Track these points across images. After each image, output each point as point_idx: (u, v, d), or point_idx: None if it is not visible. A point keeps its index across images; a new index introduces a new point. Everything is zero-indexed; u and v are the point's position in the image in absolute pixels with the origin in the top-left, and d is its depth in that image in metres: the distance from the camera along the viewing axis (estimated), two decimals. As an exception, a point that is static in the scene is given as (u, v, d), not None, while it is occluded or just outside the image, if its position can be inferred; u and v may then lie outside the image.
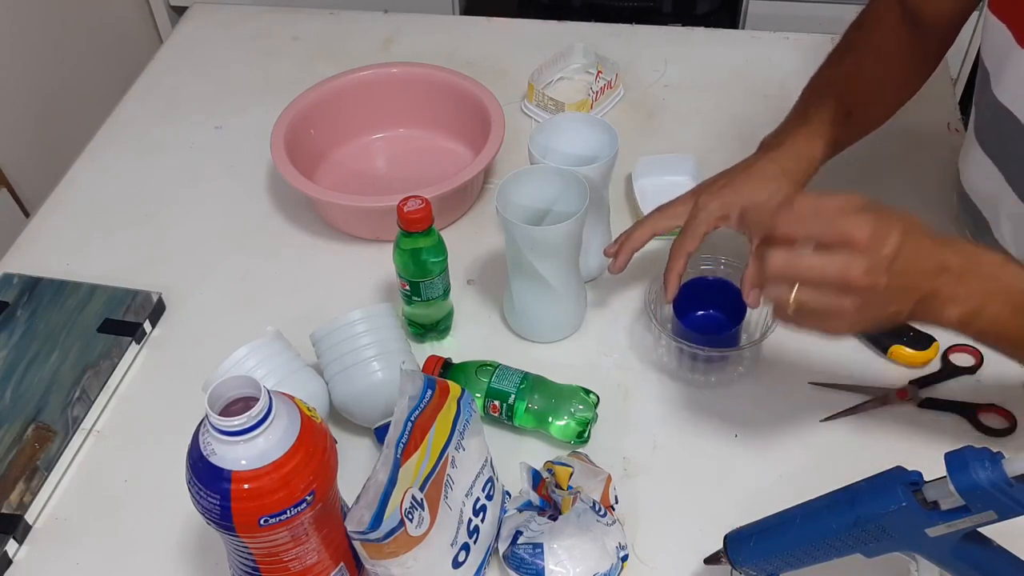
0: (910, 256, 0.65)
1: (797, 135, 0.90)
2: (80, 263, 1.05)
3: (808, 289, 0.66)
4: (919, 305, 0.68)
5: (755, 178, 0.88)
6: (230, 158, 1.18)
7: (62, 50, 1.65)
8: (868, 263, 0.64)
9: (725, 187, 0.87)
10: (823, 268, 0.65)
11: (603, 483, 0.78)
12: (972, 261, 0.68)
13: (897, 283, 0.65)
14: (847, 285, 0.65)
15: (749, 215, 0.79)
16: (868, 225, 0.64)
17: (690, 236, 0.86)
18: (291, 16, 1.41)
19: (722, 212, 0.85)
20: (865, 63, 0.95)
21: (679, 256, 0.86)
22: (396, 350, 0.85)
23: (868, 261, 0.64)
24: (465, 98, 1.13)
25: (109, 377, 0.91)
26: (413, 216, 0.85)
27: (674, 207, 0.89)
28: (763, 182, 0.87)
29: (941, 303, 0.68)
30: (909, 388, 0.89)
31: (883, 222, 0.65)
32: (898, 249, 0.64)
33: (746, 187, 0.87)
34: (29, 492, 0.83)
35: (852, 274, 0.64)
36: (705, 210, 0.85)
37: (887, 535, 0.62)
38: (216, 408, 0.59)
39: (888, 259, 0.64)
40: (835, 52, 0.98)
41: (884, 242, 0.64)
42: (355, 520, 0.64)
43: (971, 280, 0.67)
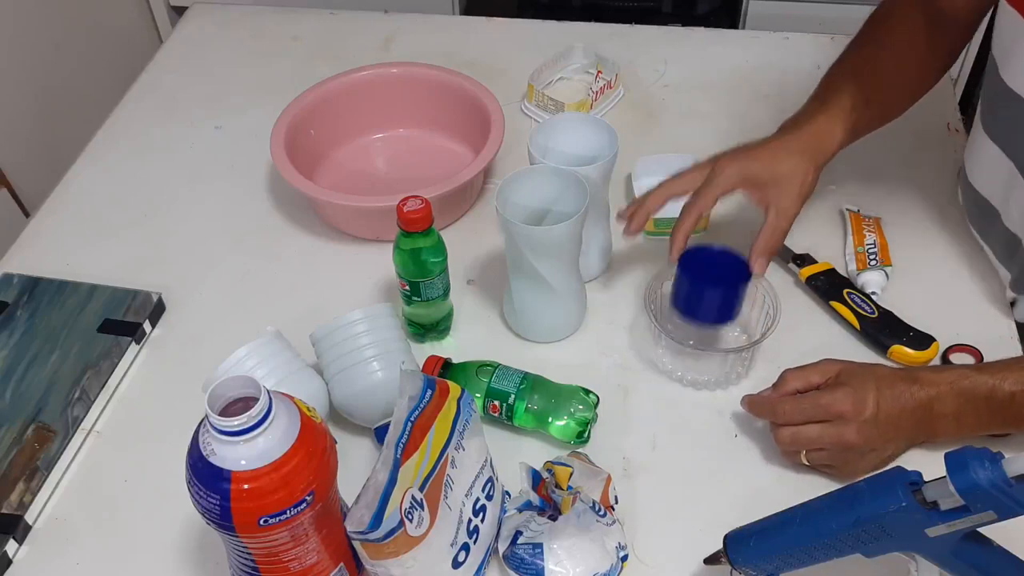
0: (889, 407, 0.78)
1: (817, 118, 0.91)
2: (80, 263, 1.05)
3: (815, 452, 0.81)
4: (915, 437, 0.82)
5: (774, 151, 0.89)
6: (230, 158, 1.18)
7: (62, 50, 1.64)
8: (856, 426, 0.78)
9: (744, 155, 0.89)
10: (821, 436, 0.80)
11: (603, 483, 0.78)
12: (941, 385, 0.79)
13: (885, 431, 0.79)
14: (845, 445, 0.79)
15: (768, 190, 0.87)
16: (847, 398, 0.78)
17: (705, 196, 0.87)
18: (291, 16, 1.41)
19: (740, 176, 0.87)
20: (883, 56, 0.96)
21: (691, 214, 0.88)
22: (396, 350, 0.85)
23: (855, 424, 0.78)
24: (465, 98, 1.13)
25: (109, 377, 0.92)
26: (413, 216, 0.85)
27: (691, 173, 0.90)
28: (783, 155, 0.88)
29: (931, 430, 0.80)
30: None
31: (859, 389, 0.79)
32: (877, 406, 0.78)
33: (765, 157, 0.88)
34: (29, 492, 0.83)
35: (847, 437, 0.78)
36: (723, 174, 0.87)
37: (887, 535, 0.62)
38: (216, 408, 0.59)
39: (872, 417, 0.78)
40: (853, 43, 0.99)
41: (863, 407, 0.78)
42: (355, 520, 0.64)
43: (946, 400, 0.78)
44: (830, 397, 0.79)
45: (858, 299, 0.95)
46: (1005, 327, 0.95)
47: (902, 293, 0.97)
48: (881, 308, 0.94)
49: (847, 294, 0.95)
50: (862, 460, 0.80)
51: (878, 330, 0.92)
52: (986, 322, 0.95)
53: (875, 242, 1.01)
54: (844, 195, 1.09)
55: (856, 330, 0.94)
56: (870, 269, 0.98)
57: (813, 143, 0.90)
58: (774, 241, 0.87)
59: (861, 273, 0.98)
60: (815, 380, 0.82)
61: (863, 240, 1.01)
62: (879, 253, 0.99)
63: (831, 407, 0.79)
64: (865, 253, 1.00)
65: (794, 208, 0.88)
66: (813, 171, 0.88)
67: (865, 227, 1.03)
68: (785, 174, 0.87)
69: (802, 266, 0.99)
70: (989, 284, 0.98)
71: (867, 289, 0.97)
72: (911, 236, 1.03)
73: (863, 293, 0.96)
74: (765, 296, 0.90)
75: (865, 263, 0.99)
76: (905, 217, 1.06)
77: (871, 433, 0.78)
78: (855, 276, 0.98)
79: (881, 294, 0.97)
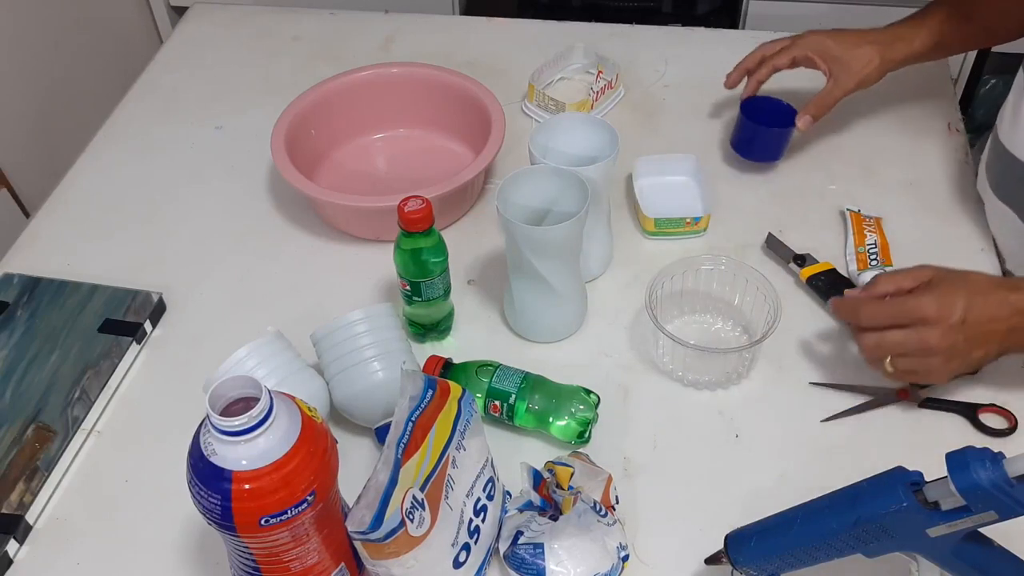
0: (979, 313, 0.78)
1: (905, 23, 1.04)
2: (80, 263, 1.05)
3: (899, 358, 0.81)
4: (1008, 346, 0.81)
5: (854, 36, 1.04)
6: (230, 158, 1.18)
7: (62, 50, 1.64)
8: (941, 330, 0.78)
9: (828, 33, 1.05)
10: (905, 341, 0.80)
11: (604, 483, 0.78)
12: None
13: (973, 336, 0.79)
14: (929, 350, 0.79)
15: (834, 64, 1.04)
16: (933, 302, 0.78)
17: (784, 53, 1.06)
18: (291, 16, 1.41)
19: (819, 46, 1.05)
20: None
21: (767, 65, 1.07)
22: (397, 350, 0.85)
23: (940, 328, 0.78)
24: (465, 98, 1.13)
25: (109, 377, 0.91)
26: (414, 216, 0.85)
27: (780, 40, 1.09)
28: (858, 41, 1.03)
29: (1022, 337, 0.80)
30: (909, 388, 0.89)
31: (947, 294, 0.79)
32: (965, 312, 0.78)
33: (843, 39, 1.04)
34: (29, 492, 0.83)
35: (930, 342, 0.79)
36: (805, 40, 1.06)
37: (888, 535, 0.62)
38: (217, 408, 0.59)
39: (958, 322, 0.78)
40: None
41: (951, 311, 0.78)
42: (356, 520, 0.64)
43: None
44: (915, 301, 0.80)
45: (859, 299, 0.95)
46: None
47: (902, 293, 0.97)
48: (881, 308, 0.94)
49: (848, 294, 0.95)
50: (947, 365, 0.80)
51: (879, 330, 0.92)
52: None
53: (876, 242, 1.01)
54: (845, 195, 1.09)
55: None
56: (871, 269, 0.98)
57: (888, 41, 1.03)
58: (824, 104, 1.04)
59: (862, 273, 0.98)
60: (906, 285, 0.82)
61: (864, 240, 1.01)
62: (880, 253, 0.99)
63: (916, 310, 0.79)
64: (866, 253, 1.00)
65: (850, 84, 1.03)
66: (879, 63, 1.02)
67: (866, 227, 1.03)
68: (854, 56, 1.03)
69: (803, 266, 0.99)
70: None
71: (867, 289, 0.97)
72: (912, 236, 1.03)
73: (864, 293, 0.96)
74: (765, 296, 0.90)
75: (866, 263, 0.99)
76: (906, 217, 1.06)
77: (956, 338, 0.78)
78: (856, 276, 0.98)
79: (881, 294, 0.97)
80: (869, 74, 1.03)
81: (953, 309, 0.78)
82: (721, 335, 0.95)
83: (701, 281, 0.95)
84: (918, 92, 1.22)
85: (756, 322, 0.92)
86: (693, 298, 0.96)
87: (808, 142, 1.16)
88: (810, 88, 1.08)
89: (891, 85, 1.23)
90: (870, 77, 1.03)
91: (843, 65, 1.03)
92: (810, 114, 1.05)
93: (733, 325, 0.95)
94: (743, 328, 0.94)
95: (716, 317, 0.96)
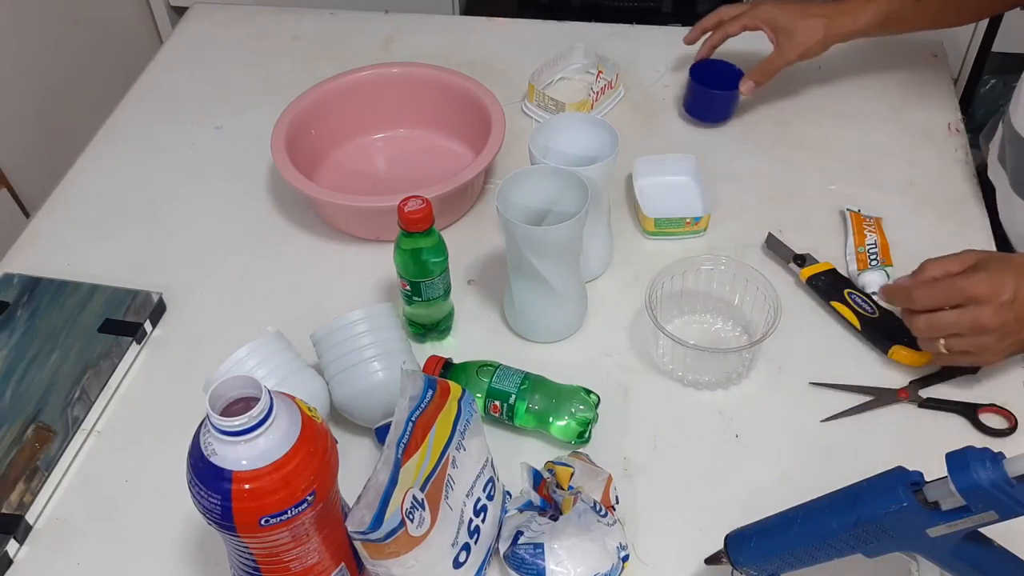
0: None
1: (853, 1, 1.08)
2: (80, 263, 1.05)
3: (953, 338, 0.82)
4: None
5: (801, 9, 1.08)
6: (230, 158, 1.18)
7: (62, 50, 1.65)
8: (993, 308, 0.79)
9: (777, 5, 1.10)
10: (958, 321, 0.81)
11: (604, 483, 0.78)
12: None
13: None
14: (982, 328, 0.80)
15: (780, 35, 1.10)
16: (984, 281, 0.80)
17: (735, 22, 1.12)
18: (291, 16, 1.41)
19: (767, 16, 1.10)
20: None
21: (719, 32, 1.14)
22: (397, 350, 0.85)
23: (992, 307, 0.79)
24: (465, 98, 1.13)
25: (109, 377, 0.91)
26: (414, 216, 0.85)
27: (731, 8, 1.15)
28: (804, 15, 1.08)
29: None
30: (909, 388, 0.89)
31: (997, 273, 0.80)
32: (1016, 290, 0.79)
33: (791, 11, 1.09)
34: (29, 492, 0.83)
35: (983, 320, 0.80)
36: (755, 9, 1.11)
37: (888, 535, 0.62)
38: (217, 408, 0.59)
39: (1009, 300, 0.79)
40: None
41: (1002, 289, 0.79)
42: (356, 520, 0.64)
43: None
44: (966, 281, 0.81)
45: (859, 299, 0.95)
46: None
47: (902, 293, 0.97)
48: (882, 308, 0.94)
49: (848, 294, 0.95)
50: (1000, 344, 0.81)
51: (879, 330, 0.92)
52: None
53: (876, 242, 1.01)
54: (845, 195, 1.09)
55: (857, 330, 0.94)
56: (871, 269, 0.98)
57: (834, 15, 1.07)
58: (767, 71, 1.12)
59: (862, 273, 0.98)
60: (954, 268, 0.83)
61: (864, 240, 1.01)
62: (880, 253, 0.99)
63: (967, 290, 0.80)
64: (866, 253, 1.00)
65: (793, 54, 1.09)
66: (822, 36, 1.07)
67: (866, 227, 1.02)
68: (799, 27, 1.08)
69: (803, 266, 0.99)
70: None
71: (868, 289, 0.97)
72: (912, 236, 1.03)
73: (864, 293, 0.96)
74: (765, 296, 0.90)
75: (866, 263, 0.99)
76: (906, 217, 1.06)
77: (1008, 316, 0.79)
78: (856, 276, 0.98)
79: (882, 294, 0.97)
80: (811, 46, 1.08)
81: (1004, 288, 0.79)
82: (721, 335, 0.95)
83: (701, 281, 0.95)
84: (918, 92, 1.22)
85: (756, 322, 0.92)
86: (693, 298, 0.96)
87: (809, 142, 1.16)
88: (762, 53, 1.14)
89: (891, 84, 1.23)
90: (812, 49, 1.09)
91: (788, 35, 1.09)
92: (753, 80, 1.12)
93: (733, 325, 0.95)
94: (743, 328, 0.94)
95: (716, 317, 0.96)
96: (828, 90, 1.23)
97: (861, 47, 1.18)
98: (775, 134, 1.18)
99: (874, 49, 1.24)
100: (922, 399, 0.88)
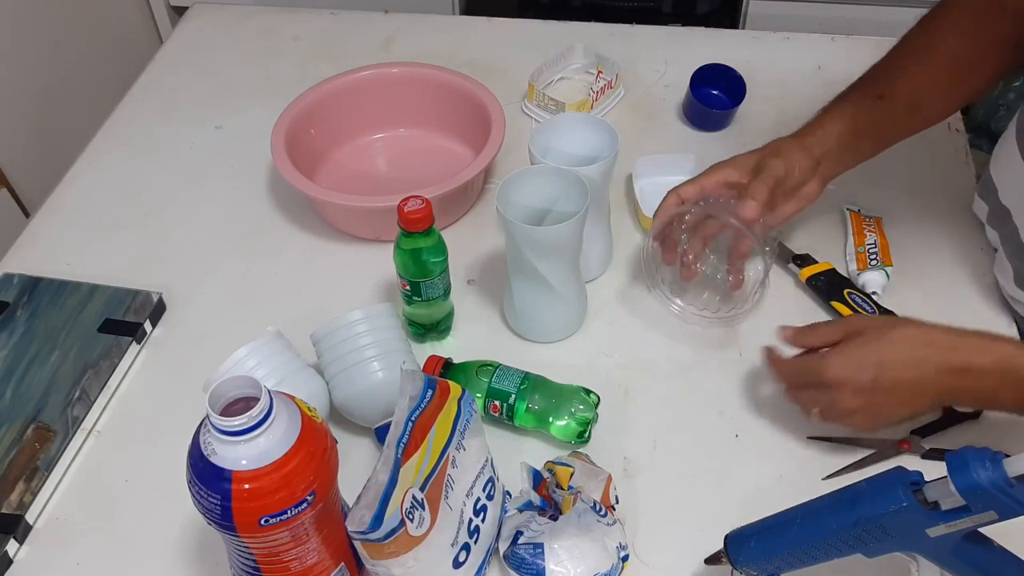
0: (897, 374, 0.76)
1: (820, 116, 0.94)
2: (80, 263, 1.05)
3: (824, 411, 0.80)
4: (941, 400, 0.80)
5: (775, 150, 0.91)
6: (230, 158, 1.18)
7: (62, 50, 1.64)
8: (849, 392, 0.77)
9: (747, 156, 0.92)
10: (819, 400, 0.80)
11: (603, 483, 0.78)
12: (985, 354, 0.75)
13: (893, 397, 0.77)
14: (843, 411, 0.78)
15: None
16: (838, 364, 0.77)
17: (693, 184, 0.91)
18: (291, 16, 1.41)
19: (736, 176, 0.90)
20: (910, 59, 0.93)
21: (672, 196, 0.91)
22: (396, 350, 0.85)
23: (848, 391, 0.77)
24: (465, 98, 1.13)
25: (109, 377, 0.91)
26: (413, 216, 0.85)
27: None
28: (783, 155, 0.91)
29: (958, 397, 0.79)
30: (911, 439, 0.85)
31: (856, 355, 0.77)
32: (877, 373, 0.76)
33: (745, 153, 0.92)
34: (29, 492, 0.83)
35: (840, 404, 0.78)
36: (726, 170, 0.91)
37: (888, 535, 0.62)
38: (217, 408, 0.59)
39: (869, 383, 0.76)
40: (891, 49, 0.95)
41: (857, 373, 0.76)
42: (356, 520, 0.64)
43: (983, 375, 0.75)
44: (820, 362, 0.78)
45: (859, 299, 0.95)
46: (1005, 327, 0.95)
47: (903, 293, 0.97)
48: (882, 308, 0.94)
49: (848, 294, 0.95)
50: (870, 422, 0.79)
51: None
52: (986, 322, 0.95)
53: (876, 242, 1.01)
54: (845, 195, 1.09)
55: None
56: (871, 269, 0.98)
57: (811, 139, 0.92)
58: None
59: (862, 273, 0.98)
60: (834, 337, 0.80)
61: (864, 240, 1.01)
62: (880, 253, 0.99)
63: (821, 372, 0.78)
64: (866, 253, 1.00)
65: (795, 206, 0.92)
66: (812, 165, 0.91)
67: (866, 227, 1.03)
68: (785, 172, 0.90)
69: (803, 266, 0.99)
70: (989, 284, 0.98)
71: (868, 289, 0.97)
72: (912, 236, 1.03)
73: (864, 293, 0.96)
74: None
75: (866, 263, 0.99)
76: (906, 217, 1.06)
77: (868, 400, 0.77)
78: (856, 276, 0.98)
79: (882, 294, 0.97)
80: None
81: (859, 371, 0.76)
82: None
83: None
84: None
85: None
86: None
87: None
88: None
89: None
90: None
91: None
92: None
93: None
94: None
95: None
96: (828, 90, 1.23)
97: (862, 48, 1.18)
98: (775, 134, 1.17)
99: (874, 49, 1.23)
100: (924, 449, 0.85)
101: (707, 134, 1.19)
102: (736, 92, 1.18)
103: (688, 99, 1.19)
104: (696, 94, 1.18)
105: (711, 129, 1.19)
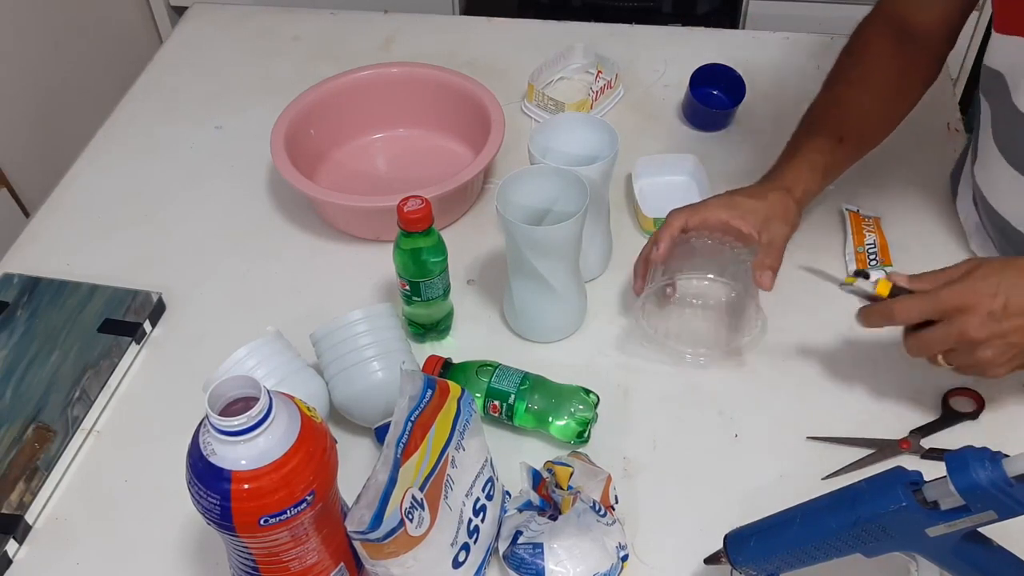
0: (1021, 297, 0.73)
1: (788, 166, 0.93)
2: (80, 263, 1.05)
3: (950, 354, 0.77)
4: None
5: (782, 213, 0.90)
6: (230, 158, 1.18)
7: (62, 50, 1.65)
8: (979, 319, 0.73)
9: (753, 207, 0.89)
10: (945, 337, 0.75)
11: (603, 483, 0.78)
12: None
13: (1018, 321, 0.73)
14: (972, 341, 0.74)
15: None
16: (964, 290, 0.74)
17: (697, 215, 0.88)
18: (291, 16, 1.41)
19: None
20: (853, 93, 0.96)
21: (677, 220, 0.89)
22: (396, 350, 0.85)
23: (977, 318, 0.73)
24: (465, 98, 1.13)
25: (109, 377, 0.91)
26: (413, 216, 0.85)
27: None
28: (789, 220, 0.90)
29: None
30: (911, 438, 0.85)
31: (982, 280, 0.74)
32: (1006, 296, 0.73)
33: (750, 201, 0.90)
34: (29, 492, 0.83)
35: (969, 333, 0.74)
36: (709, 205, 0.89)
37: (887, 535, 0.62)
38: (216, 408, 0.59)
39: (998, 310, 0.73)
40: (828, 80, 0.99)
41: (986, 298, 0.73)
42: (355, 520, 0.64)
43: None
44: (946, 290, 0.75)
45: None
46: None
47: (902, 293, 0.97)
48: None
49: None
50: (1003, 356, 0.75)
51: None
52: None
53: (875, 242, 1.01)
54: (844, 195, 1.09)
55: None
56: (870, 269, 0.98)
57: (791, 185, 0.92)
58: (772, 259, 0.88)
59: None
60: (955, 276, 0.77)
61: (863, 240, 1.01)
62: (879, 253, 0.99)
63: (946, 301, 0.74)
64: (865, 253, 1.00)
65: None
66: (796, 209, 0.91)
67: (865, 227, 1.03)
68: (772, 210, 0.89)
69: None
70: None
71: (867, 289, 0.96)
72: (911, 236, 1.03)
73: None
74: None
75: (865, 263, 0.99)
76: (905, 217, 1.06)
77: (999, 327, 0.73)
78: (855, 276, 0.98)
79: (881, 294, 0.97)
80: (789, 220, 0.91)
81: (989, 296, 0.73)
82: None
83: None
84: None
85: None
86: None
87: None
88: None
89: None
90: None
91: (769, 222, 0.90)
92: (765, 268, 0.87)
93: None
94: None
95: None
96: (828, 90, 1.23)
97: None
98: (775, 134, 1.18)
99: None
100: (924, 449, 0.85)
101: (707, 134, 1.19)
102: (736, 92, 1.18)
103: (688, 99, 1.19)
104: (696, 94, 1.18)
105: (711, 129, 1.19)
